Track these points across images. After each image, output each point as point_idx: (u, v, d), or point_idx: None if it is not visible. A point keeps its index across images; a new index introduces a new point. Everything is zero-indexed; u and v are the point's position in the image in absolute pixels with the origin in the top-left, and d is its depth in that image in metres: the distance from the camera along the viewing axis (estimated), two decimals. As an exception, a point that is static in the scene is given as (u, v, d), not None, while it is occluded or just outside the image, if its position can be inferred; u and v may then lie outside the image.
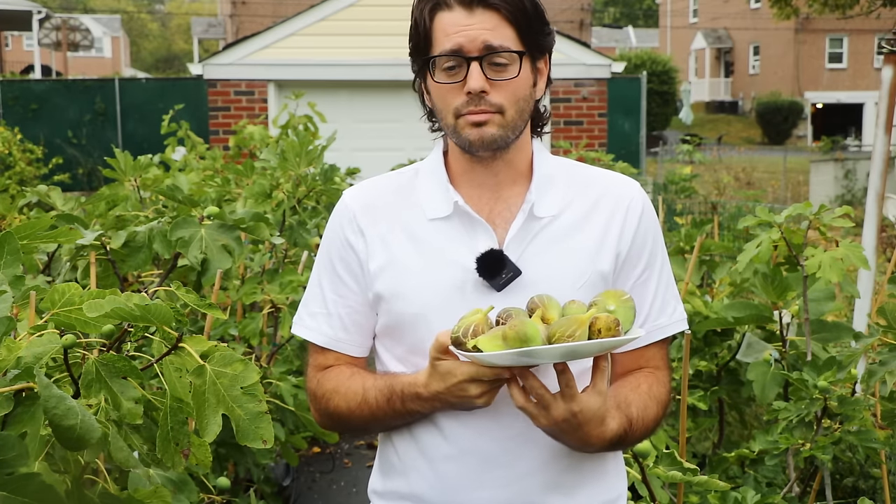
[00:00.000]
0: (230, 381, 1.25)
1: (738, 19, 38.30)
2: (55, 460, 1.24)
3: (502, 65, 1.39)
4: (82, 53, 32.17)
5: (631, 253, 1.47)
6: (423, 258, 1.45)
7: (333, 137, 4.19)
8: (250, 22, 28.60)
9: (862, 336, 2.32)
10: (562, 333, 1.22)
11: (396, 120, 9.10)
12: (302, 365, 4.10)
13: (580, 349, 1.22)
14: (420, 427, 1.46)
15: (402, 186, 1.53)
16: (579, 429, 1.30)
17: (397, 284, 1.45)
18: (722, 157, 21.03)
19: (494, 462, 1.43)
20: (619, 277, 1.47)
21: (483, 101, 1.39)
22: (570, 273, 1.43)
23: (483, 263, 1.41)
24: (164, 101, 9.69)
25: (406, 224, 1.48)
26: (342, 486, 4.51)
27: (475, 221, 1.45)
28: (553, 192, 1.48)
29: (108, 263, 2.20)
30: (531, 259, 1.43)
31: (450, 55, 1.39)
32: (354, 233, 1.50)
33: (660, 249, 1.52)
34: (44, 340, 1.22)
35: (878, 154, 2.93)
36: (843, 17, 18.86)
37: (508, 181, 1.48)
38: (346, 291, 1.51)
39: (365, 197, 1.53)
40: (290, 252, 3.49)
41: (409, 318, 1.44)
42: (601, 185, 1.51)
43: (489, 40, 1.37)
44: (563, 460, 1.44)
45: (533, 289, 1.39)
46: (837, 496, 2.91)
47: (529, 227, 1.45)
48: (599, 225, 1.46)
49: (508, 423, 1.41)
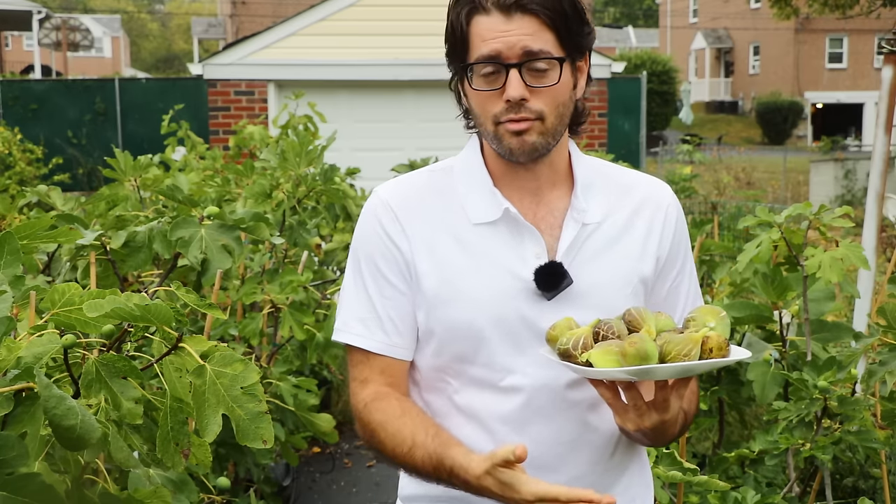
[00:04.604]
0: (230, 381, 1.24)
1: (738, 19, 38.29)
2: (55, 460, 1.24)
3: (542, 70, 1.35)
4: (82, 53, 32.15)
5: (669, 257, 1.48)
6: (472, 263, 1.41)
7: (333, 137, 4.19)
8: (250, 22, 28.60)
9: (862, 336, 2.32)
10: (678, 352, 1.24)
11: (396, 120, 9.10)
12: (314, 367, 4.09)
13: (695, 368, 1.25)
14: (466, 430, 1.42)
15: (439, 185, 1.47)
16: (664, 431, 1.32)
17: (446, 289, 1.40)
18: (722, 157, 21.02)
19: (545, 468, 1.41)
20: (658, 281, 1.48)
21: (523, 108, 1.35)
22: (617, 280, 1.43)
23: (542, 276, 1.38)
24: (164, 101, 9.68)
25: (450, 226, 1.43)
26: (342, 486, 4.51)
27: (523, 227, 1.42)
28: (596, 197, 1.46)
29: (108, 263, 2.20)
30: (581, 267, 1.41)
31: (487, 61, 1.35)
32: (397, 232, 1.43)
33: (690, 252, 1.54)
34: (44, 340, 1.21)
35: (878, 154, 2.93)
36: (843, 17, 18.86)
37: (549, 184, 1.46)
38: (394, 293, 1.44)
39: (402, 194, 1.47)
40: (290, 252, 3.49)
41: (457, 325, 1.40)
42: (639, 189, 1.50)
43: (528, 46, 1.33)
44: (607, 462, 1.46)
45: (583, 297, 1.39)
46: (837, 496, 2.91)
47: (578, 236, 1.43)
48: (641, 230, 1.46)
49: (563, 430, 1.42)
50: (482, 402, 1.43)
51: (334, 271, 4.43)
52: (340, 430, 4.40)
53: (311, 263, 3.58)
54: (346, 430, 4.97)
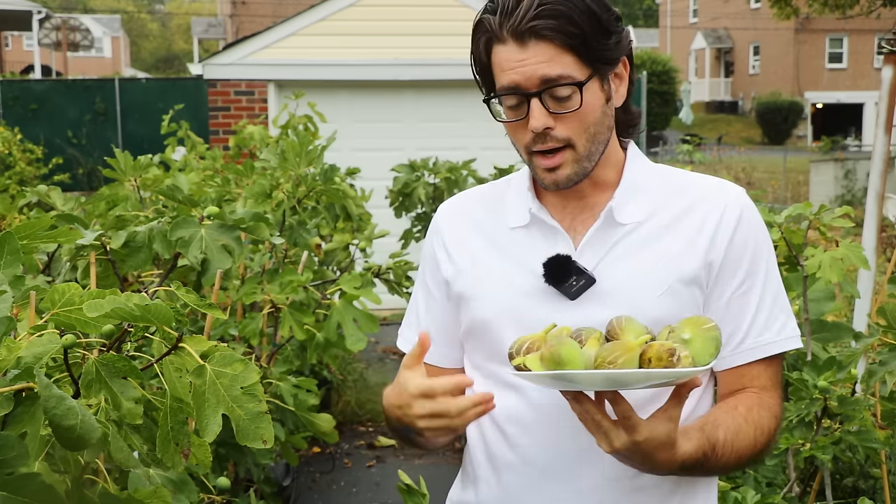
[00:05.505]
0: (230, 381, 1.24)
1: (738, 19, 38.29)
2: (55, 460, 1.24)
3: (565, 95, 1.31)
4: (82, 53, 32.15)
5: (726, 262, 1.37)
6: (500, 264, 1.43)
7: (333, 137, 4.19)
8: (250, 22, 28.59)
9: (862, 336, 2.32)
10: (604, 359, 1.13)
11: (396, 120, 9.09)
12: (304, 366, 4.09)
13: (622, 378, 1.11)
14: (490, 433, 1.45)
15: (491, 196, 1.52)
16: (645, 455, 1.20)
17: (473, 288, 1.44)
18: (722, 157, 21.03)
19: (556, 476, 1.38)
20: (715, 289, 1.38)
21: (549, 137, 1.33)
22: (650, 281, 1.35)
23: (550, 268, 1.36)
24: (164, 101, 9.68)
25: (487, 231, 1.47)
26: (342, 486, 4.51)
27: (553, 229, 1.41)
28: (641, 198, 1.41)
29: (108, 263, 2.20)
30: (609, 266, 1.37)
31: (508, 93, 1.33)
32: (438, 244, 1.51)
33: (764, 260, 1.40)
34: (44, 340, 1.21)
35: (878, 154, 2.93)
36: (843, 17, 18.86)
37: (596, 191, 1.42)
38: (433, 302, 1.52)
39: (452, 206, 1.55)
40: (290, 252, 3.49)
41: (480, 323, 1.43)
42: (697, 190, 1.42)
43: (546, 74, 1.29)
44: (631, 481, 1.36)
45: (608, 298, 1.34)
46: (837, 496, 2.90)
47: (609, 234, 1.39)
48: (689, 231, 1.38)
49: (568, 436, 1.35)
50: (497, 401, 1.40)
51: (334, 271, 4.43)
52: (340, 430, 4.40)
53: (311, 263, 3.58)
54: (346, 430, 4.98)
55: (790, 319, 1.41)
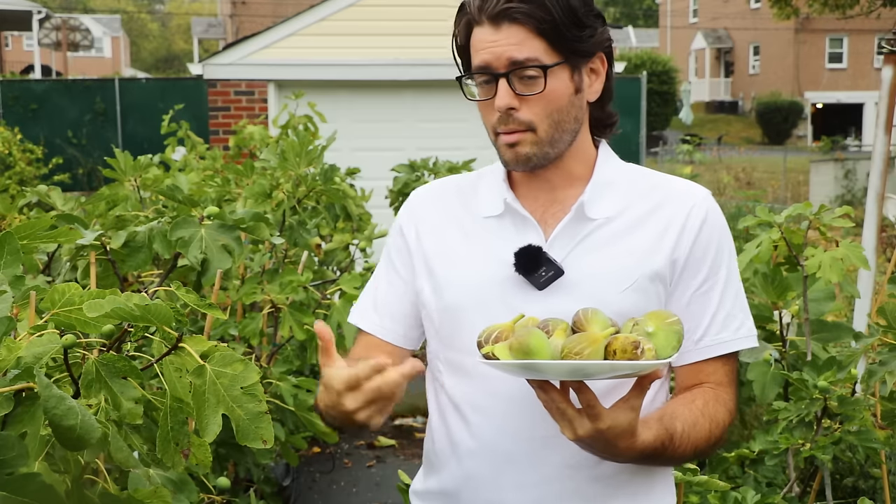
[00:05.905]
0: (230, 381, 1.24)
1: (738, 19, 38.29)
2: (55, 460, 1.23)
3: (532, 78, 1.35)
4: (82, 53, 32.17)
5: (690, 261, 1.41)
6: (469, 253, 1.45)
7: (333, 137, 4.19)
8: (250, 22, 28.60)
9: (862, 336, 2.32)
10: (570, 350, 1.15)
11: (396, 120, 9.09)
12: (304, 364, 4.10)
13: (587, 368, 1.14)
14: (451, 419, 1.46)
15: (465, 185, 1.55)
16: (607, 443, 1.23)
17: (438, 276, 1.46)
18: (722, 157, 21.04)
19: (516, 463, 1.40)
20: (678, 286, 1.41)
21: (512, 119, 1.37)
22: (615, 275, 1.38)
23: (520, 259, 1.38)
24: (164, 101, 9.68)
25: (460, 220, 1.50)
26: (342, 486, 4.51)
27: (525, 220, 1.43)
28: (611, 194, 1.44)
29: (108, 263, 2.20)
30: (577, 259, 1.40)
31: (479, 72, 1.38)
32: (409, 223, 1.54)
33: (725, 260, 1.44)
34: (44, 340, 1.21)
35: (878, 154, 2.93)
36: (843, 17, 18.86)
37: (566, 185, 1.46)
38: (397, 280, 1.53)
39: (426, 192, 1.58)
40: (290, 252, 3.49)
41: (447, 309, 1.44)
42: (665, 189, 1.46)
43: (514, 56, 1.34)
44: (591, 469, 1.39)
45: (575, 290, 1.37)
46: (837, 496, 2.91)
47: (579, 228, 1.42)
48: (656, 229, 1.41)
49: (531, 424, 1.37)
50: (460, 389, 1.45)
51: (334, 271, 4.43)
52: (340, 429, 4.40)
53: (311, 263, 3.58)
54: (345, 429, 4.97)
55: (748, 319, 1.45)
